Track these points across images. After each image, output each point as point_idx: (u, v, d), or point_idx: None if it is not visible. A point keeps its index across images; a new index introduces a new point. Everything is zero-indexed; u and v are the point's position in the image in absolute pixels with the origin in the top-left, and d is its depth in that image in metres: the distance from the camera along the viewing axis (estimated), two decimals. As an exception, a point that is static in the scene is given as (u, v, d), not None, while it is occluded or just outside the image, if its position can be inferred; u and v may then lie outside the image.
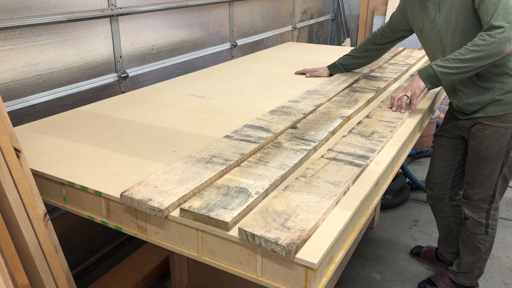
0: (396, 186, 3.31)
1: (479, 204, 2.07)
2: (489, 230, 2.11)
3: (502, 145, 1.91)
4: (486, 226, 2.10)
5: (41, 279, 1.35)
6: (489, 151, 1.94)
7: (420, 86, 1.83)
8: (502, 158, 1.94)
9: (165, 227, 1.21)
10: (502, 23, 1.63)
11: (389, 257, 2.67)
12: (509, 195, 3.39)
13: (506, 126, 1.88)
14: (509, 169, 1.99)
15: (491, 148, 1.93)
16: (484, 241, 2.13)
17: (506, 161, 1.95)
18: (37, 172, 1.41)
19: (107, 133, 1.70)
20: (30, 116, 2.03)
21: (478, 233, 2.12)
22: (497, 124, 1.89)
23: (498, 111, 1.87)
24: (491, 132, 1.91)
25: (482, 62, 1.68)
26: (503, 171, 1.98)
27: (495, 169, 1.97)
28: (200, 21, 3.07)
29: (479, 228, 2.11)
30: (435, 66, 1.76)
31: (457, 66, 1.71)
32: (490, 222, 2.09)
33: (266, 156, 1.44)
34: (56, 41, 2.12)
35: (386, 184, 1.55)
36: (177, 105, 2.02)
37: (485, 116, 1.91)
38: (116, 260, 2.53)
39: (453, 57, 1.73)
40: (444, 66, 1.74)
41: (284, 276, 1.06)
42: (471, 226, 2.13)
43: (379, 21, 5.12)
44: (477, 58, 1.68)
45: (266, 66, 2.76)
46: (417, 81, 1.84)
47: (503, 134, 1.89)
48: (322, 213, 1.14)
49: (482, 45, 1.66)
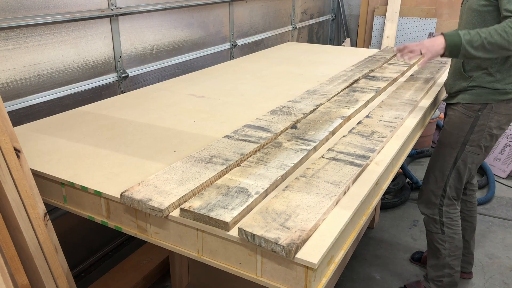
0: (396, 186, 3.31)
1: (431, 198, 2.10)
2: (445, 229, 2.10)
3: (461, 134, 1.96)
4: (440, 223, 2.10)
5: (41, 279, 1.35)
6: (448, 138, 2.00)
7: (439, 51, 1.74)
8: (458, 149, 1.98)
9: (165, 227, 1.21)
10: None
11: (389, 257, 2.67)
12: (509, 195, 3.39)
13: (469, 114, 1.92)
14: (463, 164, 2.00)
15: (450, 135, 1.99)
16: (442, 241, 2.12)
17: (461, 153, 1.98)
18: (37, 172, 1.41)
19: (107, 133, 1.70)
20: (30, 116, 2.03)
21: (434, 231, 2.13)
22: (462, 110, 1.94)
23: (466, 99, 1.93)
24: (455, 117, 1.97)
25: (503, 52, 1.67)
26: (457, 164, 2.00)
27: (449, 158, 2.01)
28: (200, 21, 3.07)
29: (434, 225, 2.12)
30: (465, 40, 1.69)
31: (483, 48, 1.67)
32: (444, 220, 2.09)
33: (266, 156, 1.44)
34: (56, 41, 2.12)
35: (386, 184, 1.55)
36: (177, 105, 2.02)
37: (456, 102, 1.98)
38: (116, 260, 2.53)
39: (482, 34, 1.66)
40: (471, 43, 1.68)
41: (284, 276, 1.06)
42: (426, 223, 2.16)
43: (379, 21, 5.12)
44: (500, 46, 1.64)
45: (266, 66, 2.76)
46: (438, 44, 1.74)
47: (464, 122, 1.94)
48: (322, 213, 1.14)
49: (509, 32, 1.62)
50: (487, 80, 1.87)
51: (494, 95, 1.88)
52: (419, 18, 4.92)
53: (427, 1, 4.91)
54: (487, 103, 1.89)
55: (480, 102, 1.90)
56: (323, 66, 2.77)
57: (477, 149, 1.97)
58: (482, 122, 1.92)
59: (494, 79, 1.86)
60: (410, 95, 2.08)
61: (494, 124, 1.92)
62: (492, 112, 1.90)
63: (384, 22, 5.05)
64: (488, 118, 1.91)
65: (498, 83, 1.86)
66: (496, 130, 1.94)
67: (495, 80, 1.86)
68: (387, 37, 4.95)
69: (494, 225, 2.99)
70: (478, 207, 3.21)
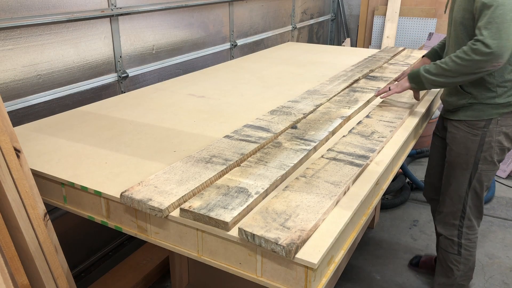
0: (396, 186, 3.31)
1: (449, 220, 2.00)
2: (463, 250, 2.01)
3: (470, 154, 1.86)
4: (458, 245, 2.01)
5: (41, 279, 1.35)
6: (457, 159, 1.91)
7: (404, 85, 1.87)
8: (470, 169, 1.88)
9: (165, 227, 1.21)
10: (490, 41, 1.55)
11: (389, 257, 2.67)
12: (509, 195, 3.39)
13: (474, 133, 1.83)
14: (480, 184, 1.90)
15: (459, 156, 1.90)
16: (457, 262, 2.04)
17: (475, 174, 1.88)
18: (37, 172, 1.41)
19: (107, 133, 1.70)
20: (30, 116, 2.03)
21: (451, 251, 2.04)
22: (466, 129, 1.85)
23: (468, 116, 1.84)
24: (460, 137, 1.88)
25: (464, 77, 1.68)
26: (473, 184, 1.90)
27: (463, 180, 1.91)
28: (200, 21, 3.07)
29: (451, 246, 2.03)
30: (423, 69, 1.78)
31: (441, 74, 1.72)
32: (463, 242, 2.00)
33: (266, 156, 1.44)
34: (56, 41, 2.12)
35: (386, 184, 1.55)
36: (177, 105, 2.02)
37: (457, 119, 1.88)
38: (116, 260, 2.53)
39: (440, 64, 1.72)
40: (429, 71, 1.76)
41: (284, 276, 1.06)
42: (443, 243, 2.07)
43: (379, 21, 5.12)
44: (458, 72, 1.67)
45: (266, 66, 2.76)
46: (404, 79, 1.89)
47: (471, 141, 1.85)
48: (322, 213, 1.14)
49: (465, 60, 1.63)
50: (488, 96, 1.78)
51: (497, 109, 1.79)
52: (419, 18, 4.92)
53: (427, 1, 4.91)
54: (491, 118, 1.80)
55: (484, 118, 1.80)
56: (323, 66, 2.77)
57: (491, 166, 1.87)
58: (490, 138, 1.82)
59: (495, 94, 1.77)
60: (410, 95, 2.08)
61: (503, 138, 1.83)
62: (498, 126, 1.81)
63: (384, 22, 5.05)
64: (495, 133, 1.81)
65: (500, 97, 1.77)
66: (507, 143, 1.85)
67: (496, 95, 1.77)
68: (387, 37, 4.95)
69: (494, 225, 2.99)
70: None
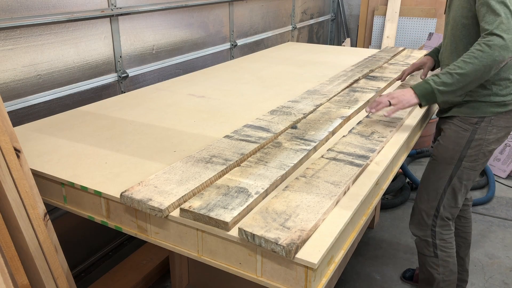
0: (396, 186, 3.31)
1: (423, 218, 1.94)
2: (439, 252, 1.93)
3: (457, 150, 1.81)
4: (433, 246, 1.93)
5: (41, 279, 1.35)
6: (443, 153, 1.85)
7: (412, 101, 1.67)
8: (454, 165, 1.83)
9: (165, 227, 1.21)
10: (502, 33, 1.51)
11: (389, 257, 2.67)
12: (509, 195, 3.39)
13: (466, 128, 1.78)
14: (459, 182, 1.85)
15: (445, 150, 1.84)
16: (435, 265, 1.96)
17: (457, 170, 1.83)
18: (37, 172, 1.41)
19: (107, 133, 1.70)
20: (30, 116, 2.03)
21: (427, 254, 1.97)
22: (458, 124, 1.80)
23: (461, 112, 1.79)
24: (451, 131, 1.83)
25: (483, 75, 1.57)
26: (453, 181, 1.85)
27: (444, 175, 1.86)
28: (200, 21, 3.07)
29: (427, 248, 1.96)
30: (433, 83, 1.62)
31: (458, 82, 1.58)
32: (437, 242, 1.93)
33: (266, 156, 1.44)
34: (56, 41, 2.12)
35: (386, 184, 1.55)
36: (177, 105, 2.02)
37: (451, 115, 1.83)
38: (116, 260, 2.53)
39: (453, 71, 1.59)
40: (444, 83, 1.60)
41: (284, 276, 1.06)
42: (419, 246, 2.00)
43: (379, 21, 5.12)
44: (475, 70, 1.56)
45: (266, 66, 2.76)
46: (409, 95, 1.67)
47: (460, 137, 1.80)
48: (322, 213, 1.14)
49: (480, 56, 1.54)
50: (483, 94, 1.73)
51: (492, 108, 1.75)
52: (419, 18, 4.92)
53: (427, 1, 4.91)
54: (485, 116, 1.76)
55: (478, 115, 1.76)
56: (323, 66, 2.77)
57: (474, 165, 1.82)
58: (480, 136, 1.77)
59: (490, 92, 1.73)
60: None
61: (492, 138, 1.78)
62: (491, 126, 1.76)
63: (384, 22, 5.05)
64: (486, 131, 1.77)
65: (496, 96, 1.73)
66: (494, 144, 1.80)
67: (491, 93, 1.73)
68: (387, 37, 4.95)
69: (494, 225, 2.99)
70: (478, 207, 3.22)
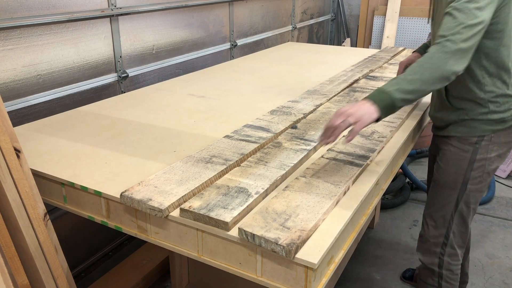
0: (396, 186, 3.31)
1: (430, 246, 1.79)
2: (443, 283, 1.79)
3: (459, 173, 1.69)
4: (439, 276, 1.79)
5: (41, 279, 1.35)
6: (444, 178, 1.73)
7: (373, 116, 1.32)
8: (458, 189, 1.70)
9: (165, 227, 1.21)
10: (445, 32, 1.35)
11: (389, 257, 2.67)
12: (509, 195, 3.39)
13: (466, 149, 1.66)
14: (467, 206, 1.72)
15: (447, 174, 1.72)
16: None
17: (463, 195, 1.70)
18: (37, 172, 1.41)
19: (107, 133, 1.70)
20: (30, 116, 2.03)
21: (430, 283, 1.83)
22: (457, 145, 1.68)
23: (459, 132, 1.67)
24: (450, 153, 1.70)
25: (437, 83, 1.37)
26: (460, 206, 1.72)
27: (450, 201, 1.72)
28: (200, 21, 3.07)
29: (431, 277, 1.82)
30: (392, 92, 1.33)
31: (419, 88, 1.35)
32: (444, 272, 1.79)
33: (266, 156, 1.44)
34: (56, 41, 2.12)
35: (386, 184, 1.55)
36: (177, 105, 2.02)
37: (448, 135, 1.71)
38: (116, 260, 2.53)
39: (412, 77, 1.35)
40: (404, 90, 1.34)
41: (284, 276, 1.06)
42: (423, 273, 1.86)
43: (379, 21, 5.12)
44: (432, 77, 1.35)
45: (266, 66, 2.76)
46: (367, 108, 1.33)
47: (461, 159, 1.68)
48: (322, 213, 1.14)
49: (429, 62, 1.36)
50: (481, 112, 1.62)
51: (491, 126, 1.63)
52: (419, 18, 4.92)
53: (427, 1, 4.90)
54: (484, 135, 1.64)
55: (477, 135, 1.65)
56: (323, 66, 2.77)
57: (480, 187, 1.70)
58: (482, 156, 1.66)
59: (487, 110, 1.61)
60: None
61: (495, 156, 1.67)
62: (492, 143, 1.65)
63: (384, 22, 5.05)
64: (488, 150, 1.66)
65: (494, 113, 1.62)
66: (497, 162, 1.70)
67: (489, 111, 1.61)
68: (387, 37, 4.95)
69: (494, 225, 2.99)
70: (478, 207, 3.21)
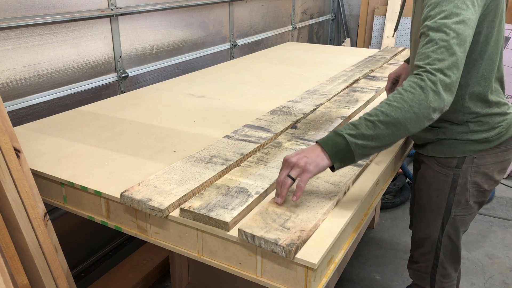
0: (396, 186, 3.31)
1: (421, 267, 1.67)
2: None
3: (441, 198, 1.51)
4: None
5: (41, 279, 1.35)
6: (426, 201, 1.57)
7: (320, 164, 1.13)
8: (442, 214, 1.54)
9: (165, 227, 1.21)
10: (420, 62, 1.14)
11: (389, 257, 2.67)
12: (509, 195, 3.39)
13: (445, 173, 1.48)
14: (454, 230, 1.55)
15: (429, 198, 1.56)
16: None
17: (447, 219, 1.54)
18: (37, 172, 1.41)
19: (107, 133, 1.70)
20: (30, 116, 2.03)
21: None
22: (436, 167, 1.50)
23: (438, 152, 1.49)
24: (430, 176, 1.53)
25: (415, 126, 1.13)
26: (446, 230, 1.55)
27: (434, 226, 1.57)
28: (200, 21, 3.07)
29: None
30: (348, 135, 1.12)
31: (383, 133, 1.12)
32: None
33: (266, 156, 1.44)
34: (56, 41, 2.12)
35: (386, 184, 1.55)
36: (177, 105, 2.02)
37: (427, 155, 1.54)
38: (116, 260, 2.53)
39: (374, 118, 1.12)
40: (361, 135, 1.12)
41: (284, 276, 1.06)
42: None
43: (379, 21, 5.12)
44: (405, 119, 1.11)
45: (266, 66, 2.76)
46: (315, 155, 1.14)
47: (442, 182, 1.50)
48: (322, 213, 1.14)
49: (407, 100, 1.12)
50: (459, 131, 1.43)
51: (472, 146, 1.43)
52: (419, 18, 4.92)
53: (427, 1, 4.90)
54: (465, 156, 1.44)
55: (456, 156, 1.45)
56: (323, 66, 2.77)
57: (468, 210, 1.52)
58: (464, 180, 1.46)
59: (467, 130, 1.42)
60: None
61: (481, 179, 1.47)
62: (474, 166, 1.44)
63: (384, 22, 5.05)
64: (470, 173, 1.45)
65: (475, 133, 1.42)
66: (488, 185, 1.49)
67: (468, 130, 1.42)
68: (387, 37, 4.95)
69: (494, 225, 3.00)
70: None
